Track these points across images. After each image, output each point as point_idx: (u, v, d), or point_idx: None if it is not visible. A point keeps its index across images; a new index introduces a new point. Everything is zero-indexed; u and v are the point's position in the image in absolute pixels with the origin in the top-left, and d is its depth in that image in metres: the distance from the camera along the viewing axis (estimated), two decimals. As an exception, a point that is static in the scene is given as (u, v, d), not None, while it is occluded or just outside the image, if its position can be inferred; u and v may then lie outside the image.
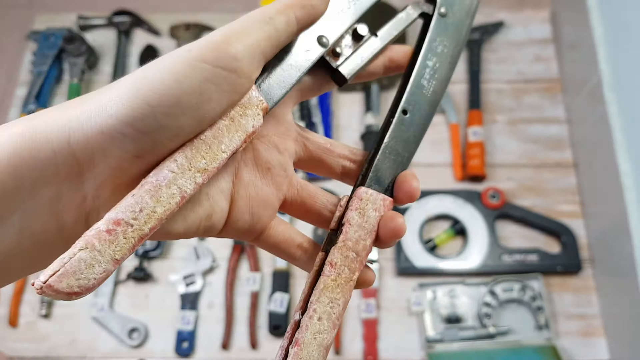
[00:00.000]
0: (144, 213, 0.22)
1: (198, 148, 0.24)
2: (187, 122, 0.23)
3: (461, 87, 1.07)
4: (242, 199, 0.29)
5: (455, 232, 0.94)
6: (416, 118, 0.31)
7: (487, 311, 0.87)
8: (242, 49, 0.24)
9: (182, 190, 0.23)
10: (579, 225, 0.95)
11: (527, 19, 1.13)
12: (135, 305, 0.92)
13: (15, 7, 1.23)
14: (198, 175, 0.24)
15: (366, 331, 0.88)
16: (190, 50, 0.23)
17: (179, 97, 0.23)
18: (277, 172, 0.30)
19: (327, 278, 0.27)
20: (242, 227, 0.29)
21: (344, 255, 0.27)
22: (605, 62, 0.90)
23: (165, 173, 0.23)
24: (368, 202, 0.29)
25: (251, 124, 0.26)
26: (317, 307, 0.26)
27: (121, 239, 0.22)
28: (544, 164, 1.00)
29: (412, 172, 0.30)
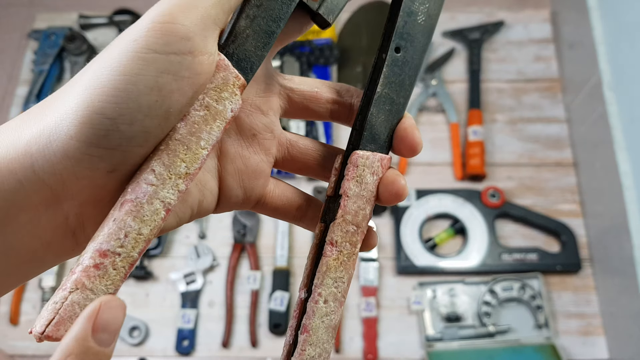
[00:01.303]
0: (130, 238, 0.21)
1: (175, 151, 0.22)
2: (153, 123, 0.21)
3: (461, 87, 1.07)
4: (231, 174, 0.27)
5: (455, 231, 0.94)
6: (410, 54, 0.28)
7: (486, 310, 0.88)
8: (192, 25, 0.21)
9: (165, 204, 0.22)
10: (578, 224, 0.95)
11: (527, 18, 1.13)
12: (136, 303, 0.92)
13: (16, 6, 1.23)
14: (180, 182, 0.22)
15: (366, 330, 0.88)
16: (135, 39, 0.21)
17: (136, 99, 0.20)
18: (264, 136, 0.28)
19: (329, 259, 0.26)
20: (236, 202, 0.28)
21: (344, 231, 0.26)
22: (605, 61, 0.90)
23: (144, 188, 0.21)
24: (365, 168, 0.27)
25: (229, 108, 0.23)
26: (321, 290, 0.26)
27: (111, 271, 0.20)
28: (544, 163, 1.00)
29: (412, 123, 0.28)
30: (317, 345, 0.25)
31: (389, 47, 0.27)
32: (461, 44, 1.11)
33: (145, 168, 0.22)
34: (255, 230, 0.96)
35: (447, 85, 1.07)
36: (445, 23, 1.13)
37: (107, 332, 0.19)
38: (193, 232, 0.97)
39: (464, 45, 1.10)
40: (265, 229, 0.97)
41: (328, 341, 0.25)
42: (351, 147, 0.28)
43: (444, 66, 1.09)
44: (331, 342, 0.26)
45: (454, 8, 1.15)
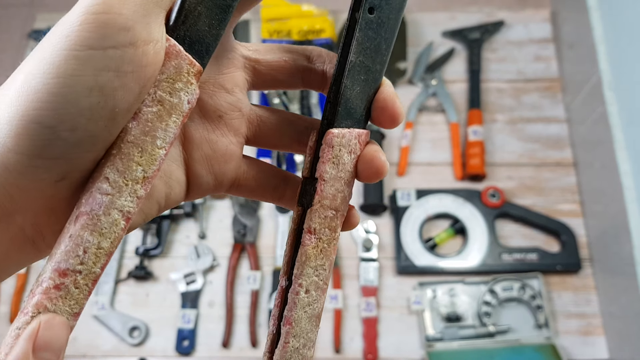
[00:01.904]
0: (90, 253, 0.19)
1: (129, 154, 0.20)
2: (98, 127, 0.19)
3: (461, 87, 1.07)
4: (198, 161, 0.25)
5: (455, 231, 0.95)
6: (385, 14, 0.24)
7: (486, 310, 0.88)
8: (130, 13, 0.19)
9: (124, 213, 0.20)
10: (578, 224, 0.95)
11: (527, 18, 1.13)
12: (136, 303, 0.92)
13: (16, 6, 1.23)
14: (138, 187, 0.20)
15: (366, 330, 0.88)
16: (68, 35, 0.18)
17: (76, 103, 0.18)
18: (231, 116, 0.26)
19: (308, 247, 0.24)
20: (207, 188, 0.26)
21: (322, 217, 0.25)
22: (605, 61, 0.90)
23: (99, 198, 0.20)
24: (341, 147, 0.25)
25: (185, 100, 0.21)
26: (302, 280, 0.24)
27: (73, 290, 0.19)
28: (544, 163, 1.00)
29: (391, 91, 0.25)
30: (300, 336, 0.24)
31: (361, 6, 0.24)
32: (461, 44, 1.11)
33: (98, 176, 0.20)
34: (255, 230, 0.96)
35: (447, 85, 1.07)
36: (445, 23, 1.13)
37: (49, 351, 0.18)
38: (193, 232, 0.97)
39: (464, 45, 1.10)
40: (265, 229, 0.97)
41: (312, 330, 0.25)
42: (326, 123, 0.25)
43: (444, 66, 1.09)
44: (315, 330, 0.25)
45: (454, 8, 1.15)
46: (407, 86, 1.08)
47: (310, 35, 1.09)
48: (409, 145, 1.01)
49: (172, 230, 0.97)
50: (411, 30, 1.11)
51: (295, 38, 1.09)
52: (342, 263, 0.94)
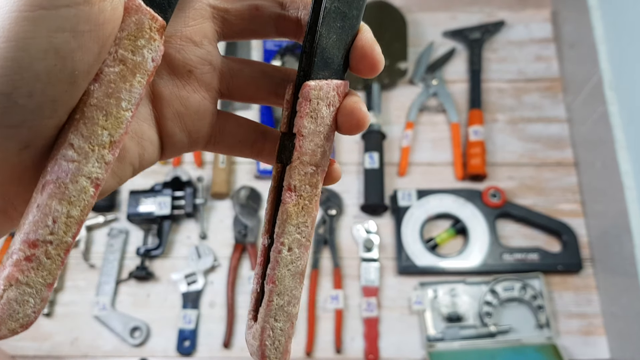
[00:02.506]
0: (60, 223, 0.19)
1: (93, 118, 0.19)
2: (58, 91, 0.18)
3: (462, 87, 1.07)
4: (170, 119, 0.24)
5: (456, 231, 0.94)
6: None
7: (487, 310, 0.88)
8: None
9: (92, 180, 0.20)
10: (579, 224, 0.95)
11: (528, 18, 1.13)
12: (137, 304, 0.92)
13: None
14: (105, 152, 0.20)
15: (367, 330, 0.88)
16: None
17: (30, 67, 0.17)
18: (202, 70, 0.25)
19: (289, 205, 0.24)
20: (182, 147, 0.26)
21: (302, 174, 0.24)
22: (606, 61, 0.90)
23: (65, 166, 0.19)
24: (319, 101, 0.23)
25: (149, 57, 0.20)
26: (284, 239, 0.24)
27: (45, 261, 0.19)
28: (545, 163, 1.00)
29: (369, 37, 0.24)
30: (284, 294, 0.24)
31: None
32: (462, 44, 1.11)
33: (62, 142, 0.19)
34: (256, 231, 0.96)
35: (447, 85, 1.07)
36: (445, 23, 1.13)
37: None
38: (194, 232, 0.97)
39: (465, 45, 1.10)
40: (266, 229, 0.97)
41: (296, 287, 0.24)
42: (302, 75, 0.24)
43: (444, 66, 1.09)
44: (299, 287, 0.24)
45: (454, 8, 1.15)
46: (407, 86, 1.08)
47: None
48: (410, 145, 1.01)
49: (173, 231, 0.97)
50: (412, 31, 1.11)
51: (295, 38, 1.09)
52: (343, 263, 0.94)
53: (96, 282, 0.93)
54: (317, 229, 0.95)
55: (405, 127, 1.03)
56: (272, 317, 0.24)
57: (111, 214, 0.98)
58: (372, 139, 0.99)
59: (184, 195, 0.96)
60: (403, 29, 1.09)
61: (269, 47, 1.09)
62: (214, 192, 0.98)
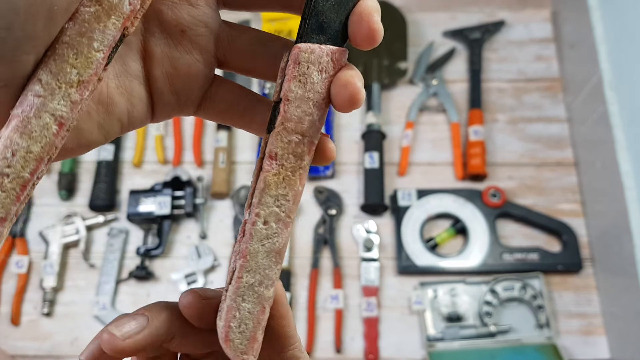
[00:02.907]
0: (18, 156, 0.19)
1: (63, 56, 0.19)
2: (37, 26, 0.18)
3: (462, 86, 1.07)
4: (159, 79, 0.24)
5: (456, 231, 0.94)
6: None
7: (487, 310, 0.88)
8: None
9: (56, 117, 0.19)
10: (579, 224, 0.95)
11: (528, 18, 1.13)
12: (137, 303, 0.92)
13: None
14: (72, 91, 0.19)
15: (367, 330, 0.88)
16: None
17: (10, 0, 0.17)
18: (196, 31, 0.23)
19: (268, 174, 0.22)
20: (172, 109, 0.25)
21: (286, 141, 0.22)
22: (606, 61, 0.90)
23: (31, 100, 0.19)
24: (309, 64, 0.22)
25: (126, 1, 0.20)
26: (259, 210, 0.22)
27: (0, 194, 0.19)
28: (545, 163, 1.00)
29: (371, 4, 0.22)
30: (256, 272, 0.22)
31: None
32: (462, 44, 1.11)
33: (32, 78, 0.19)
34: (256, 231, 0.96)
35: (447, 85, 1.07)
36: (445, 23, 1.13)
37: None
38: (194, 232, 0.97)
39: (465, 45, 1.10)
40: (266, 229, 0.97)
41: (270, 267, 0.22)
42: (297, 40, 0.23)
43: (444, 66, 1.09)
44: (275, 268, 0.23)
45: (454, 8, 1.15)
46: (407, 86, 1.08)
47: (310, 35, 1.09)
48: (410, 145, 1.01)
49: (173, 231, 0.97)
50: (412, 30, 1.11)
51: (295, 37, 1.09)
52: (343, 263, 0.94)
53: (96, 281, 0.93)
54: (317, 228, 0.95)
55: (405, 127, 1.03)
56: (239, 295, 0.22)
57: (111, 213, 0.98)
58: (372, 138, 0.99)
59: (184, 195, 0.96)
60: (403, 28, 1.09)
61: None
62: (214, 191, 0.98)
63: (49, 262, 0.92)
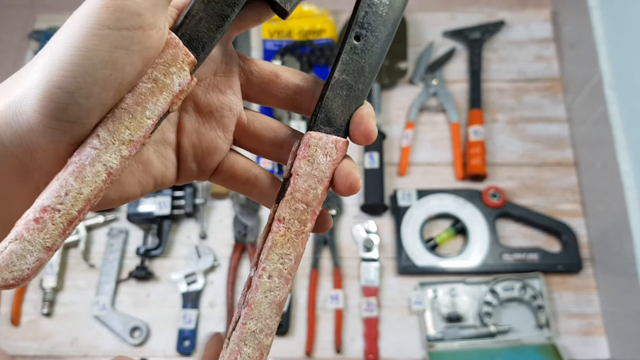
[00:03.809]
0: (70, 196, 0.22)
1: (120, 118, 0.23)
2: (108, 96, 0.22)
3: (462, 86, 1.07)
4: (186, 149, 0.28)
5: (456, 231, 0.94)
6: (370, 43, 0.28)
7: (487, 310, 0.88)
8: (142, 1, 0.22)
9: (107, 167, 0.23)
10: (579, 224, 0.95)
11: (528, 18, 1.13)
12: (137, 304, 0.92)
13: (17, 7, 1.23)
14: (123, 147, 0.23)
15: (367, 330, 0.88)
16: (90, 16, 0.21)
17: (93, 74, 0.21)
18: (222, 113, 0.29)
19: (276, 234, 0.26)
20: (192, 174, 0.29)
21: (293, 209, 0.26)
22: (606, 61, 0.90)
23: (88, 151, 0.22)
24: (317, 148, 0.27)
25: (177, 82, 0.24)
26: (266, 265, 0.26)
27: (49, 226, 0.21)
28: (545, 163, 1.00)
29: (369, 111, 0.28)
30: (259, 320, 0.25)
31: (349, 34, 0.28)
32: (462, 44, 1.11)
33: (92, 133, 0.23)
34: (256, 231, 0.96)
35: (447, 85, 1.07)
36: (445, 23, 1.13)
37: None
38: (194, 232, 0.97)
39: (465, 45, 1.10)
40: (266, 229, 0.97)
41: (271, 317, 0.25)
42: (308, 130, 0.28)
43: (444, 66, 1.09)
44: (275, 318, 0.25)
45: (454, 8, 1.15)
46: (407, 86, 1.08)
47: (310, 35, 1.09)
48: (410, 145, 1.01)
49: (172, 231, 0.97)
50: (412, 30, 1.11)
51: (295, 38, 1.09)
52: (343, 263, 0.94)
53: (96, 282, 0.93)
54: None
55: (405, 127, 1.03)
56: (242, 340, 0.25)
57: (111, 213, 0.98)
58: (372, 138, 0.99)
59: (184, 195, 0.96)
60: (403, 28, 1.09)
61: (269, 47, 1.09)
62: (214, 191, 0.98)
63: (48, 262, 0.92)
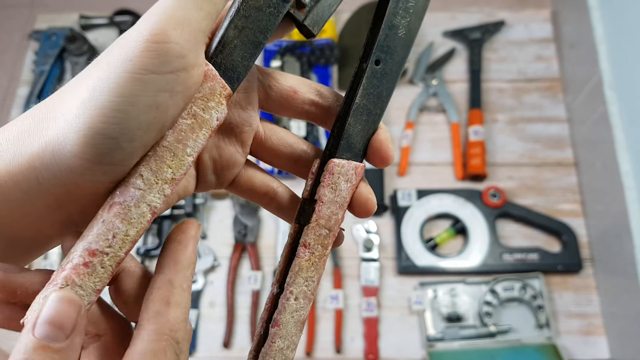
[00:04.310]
0: (118, 239, 0.22)
1: (163, 157, 0.23)
2: (151, 137, 0.22)
3: (462, 87, 1.07)
4: (206, 163, 0.29)
5: (456, 231, 0.94)
6: (389, 67, 0.29)
7: (487, 310, 0.88)
8: (185, 43, 0.22)
9: (151, 207, 0.23)
10: (579, 224, 0.95)
11: (528, 18, 1.13)
12: (137, 304, 0.92)
13: (17, 7, 1.23)
14: (166, 187, 0.23)
15: (367, 330, 0.88)
16: (131, 60, 0.21)
17: (137, 119, 0.21)
18: (242, 129, 0.29)
19: (302, 260, 0.27)
20: (210, 186, 0.30)
21: (317, 234, 0.28)
22: (606, 61, 0.90)
23: (132, 192, 0.22)
24: (340, 175, 0.28)
25: (215, 117, 0.24)
26: (293, 288, 0.27)
27: (99, 269, 0.22)
28: (545, 163, 1.00)
29: (387, 136, 0.29)
30: (286, 338, 0.27)
31: (369, 59, 0.28)
32: (462, 44, 1.11)
33: (134, 172, 0.23)
34: (256, 231, 0.96)
35: (447, 85, 1.07)
36: (445, 23, 1.13)
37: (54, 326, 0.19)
38: (194, 232, 0.97)
39: (465, 45, 1.10)
40: (266, 229, 0.97)
41: (296, 334, 0.27)
42: (328, 153, 0.29)
43: (444, 66, 1.09)
44: (299, 335, 0.27)
45: (454, 8, 1.15)
46: (407, 86, 1.08)
47: (310, 35, 1.09)
48: (410, 145, 1.01)
49: (172, 231, 0.97)
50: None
51: (296, 38, 1.09)
52: (343, 263, 0.94)
53: (96, 281, 0.93)
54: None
55: (405, 127, 1.03)
56: (272, 357, 0.27)
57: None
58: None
59: (184, 195, 0.96)
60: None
61: (269, 47, 1.09)
62: (214, 192, 0.98)
63: (48, 262, 0.92)
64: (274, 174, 0.32)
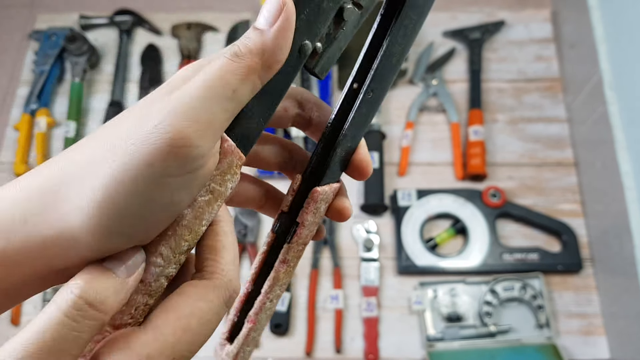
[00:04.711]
0: (139, 310, 0.23)
1: (182, 235, 0.23)
2: (165, 225, 0.23)
3: (462, 87, 1.07)
4: None
5: (456, 231, 0.94)
6: (378, 94, 0.29)
7: (487, 310, 0.88)
8: (206, 144, 0.21)
9: (168, 278, 0.24)
10: (579, 224, 0.95)
11: (528, 18, 1.13)
12: (137, 304, 0.92)
13: (17, 7, 1.23)
14: (182, 257, 0.24)
15: (367, 330, 0.88)
16: (152, 164, 0.20)
17: (153, 218, 0.22)
18: None
19: (280, 273, 0.29)
20: None
21: (295, 251, 0.29)
22: (606, 61, 0.90)
23: (153, 270, 0.23)
24: (322, 201, 0.29)
25: (230, 187, 0.24)
26: (270, 295, 0.29)
27: None
28: (545, 163, 1.00)
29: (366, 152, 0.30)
30: (258, 330, 0.30)
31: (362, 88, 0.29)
32: (462, 44, 1.11)
33: (154, 251, 0.23)
34: (256, 231, 0.96)
35: (447, 85, 1.07)
36: (445, 23, 1.13)
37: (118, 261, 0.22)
38: (194, 232, 0.97)
39: (465, 45, 1.10)
40: (266, 229, 0.97)
41: (266, 323, 0.30)
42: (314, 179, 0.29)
43: (444, 66, 1.09)
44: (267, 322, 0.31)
45: (454, 8, 1.15)
46: (407, 86, 1.08)
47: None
48: (410, 145, 1.01)
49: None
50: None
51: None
52: (343, 263, 0.94)
53: (96, 281, 0.93)
54: (317, 228, 0.95)
55: (405, 127, 1.03)
56: (246, 344, 0.29)
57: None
58: (372, 138, 0.99)
59: (184, 195, 0.96)
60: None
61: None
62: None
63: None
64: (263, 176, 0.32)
